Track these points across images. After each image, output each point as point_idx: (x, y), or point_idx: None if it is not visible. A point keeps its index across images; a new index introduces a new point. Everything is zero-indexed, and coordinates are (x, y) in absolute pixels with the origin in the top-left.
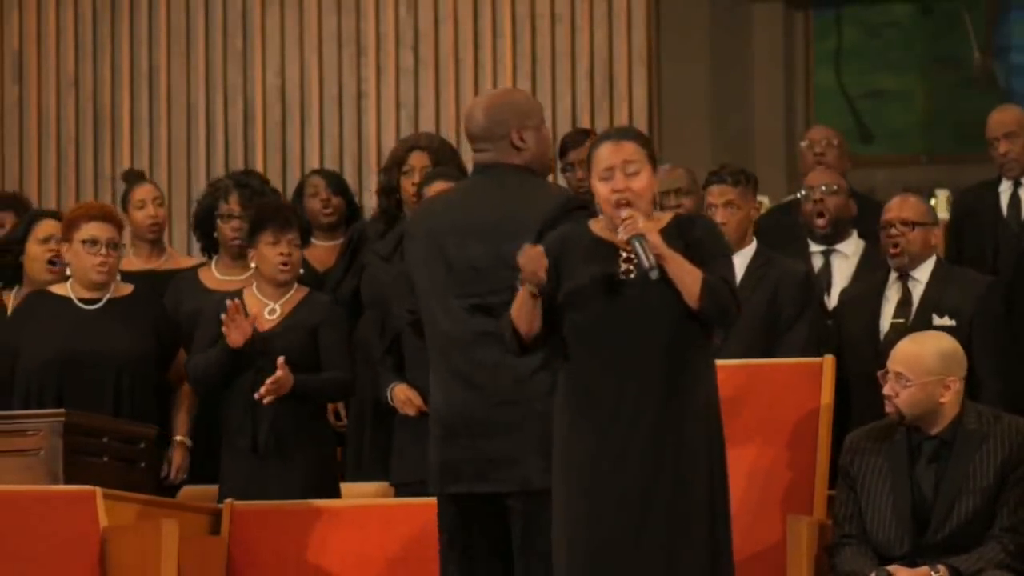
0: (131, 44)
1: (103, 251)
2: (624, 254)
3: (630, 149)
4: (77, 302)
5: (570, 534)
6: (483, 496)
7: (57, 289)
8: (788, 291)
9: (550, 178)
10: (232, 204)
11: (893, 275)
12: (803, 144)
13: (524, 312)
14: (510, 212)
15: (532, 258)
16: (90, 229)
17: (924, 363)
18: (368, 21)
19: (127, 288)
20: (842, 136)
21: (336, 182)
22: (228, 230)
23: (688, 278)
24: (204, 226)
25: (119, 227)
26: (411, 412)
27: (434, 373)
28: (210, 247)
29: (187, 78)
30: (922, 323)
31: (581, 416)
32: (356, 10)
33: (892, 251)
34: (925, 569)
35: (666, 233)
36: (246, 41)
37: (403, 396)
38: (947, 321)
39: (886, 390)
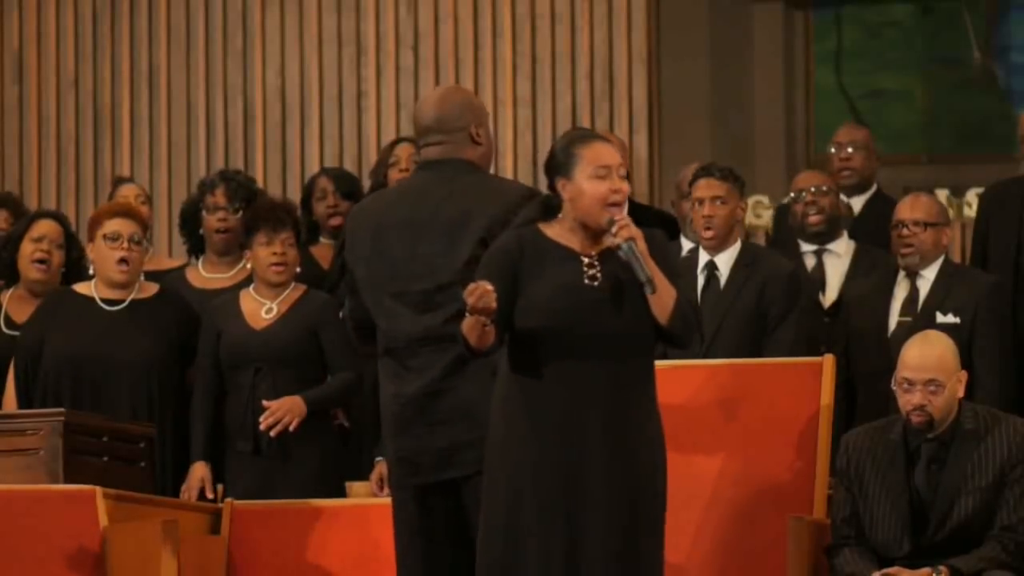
0: (131, 44)
1: (125, 244)
2: (587, 260)
3: (619, 153)
4: (100, 303)
5: (506, 540)
6: (441, 484)
7: (81, 288)
8: (775, 289)
9: None
10: (218, 196)
11: (902, 273)
12: (831, 148)
13: (475, 334)
14: (473, 206)
15: (480, 296)
16: (112, 224)
17: (949, 363)
18: (368, 21)
19: (152, 288)
20: (869, 134)
21: (345, 184)
22: (214, 220)
23: (665, 294)
24: (189, 225)
25: (142, 224)
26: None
27: (383, 368)
28: (195, 247)
29: (187, 78)
30: (925, 321)
31: (527, 421)
32: (356, 10)
33: (904, 251)
34: (927, 570)
35: None
36: (246, 41)
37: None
38: (951, 319)
39: (917, 400)
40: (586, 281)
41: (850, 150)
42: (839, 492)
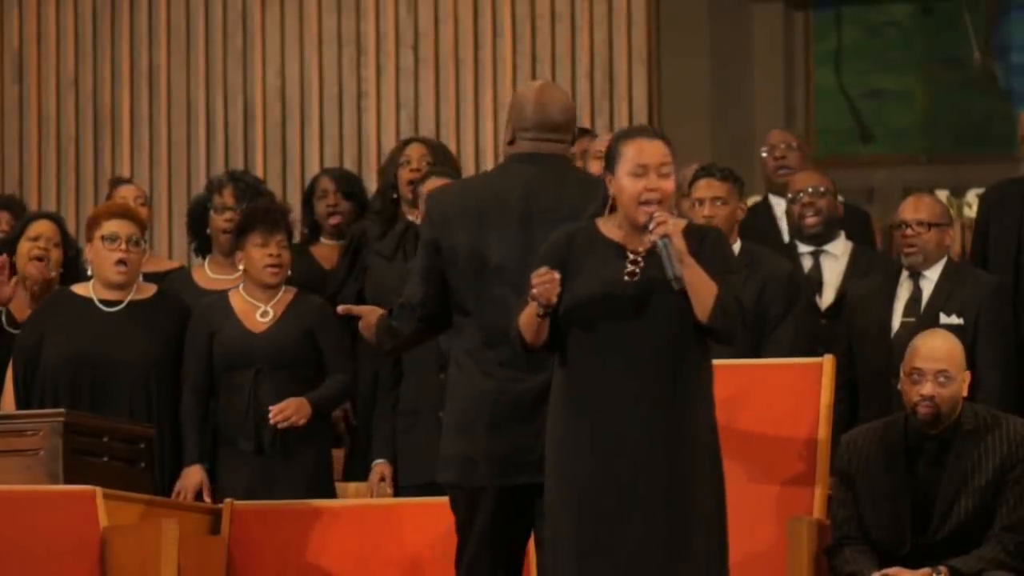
0: (131, 44)
1: (123, 246)
2: (631, 256)
3: (664, 150)
4: (98, 303)
5: (560, 539)
6: (532, 486)
7: (79, 289)
8: (774, 290)
9: None
10: (226, 197)
11: (904, 273)
12: (763, 152)
13: (531, 326)
14: (584, 203)
15: (546, 281)
16: (110, 226)
17: (959, 357)
18: (368, 21)
19: (150, 289)
20: (800, 139)
21: (347, 184)
22: (221, 221)
23: (704, 291)
24: (197, 225)
25: (140, 225)
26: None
27: (472, 359)
28: (202, 247)
29: (187, 78)
30: (929, 321)
31: (576, 418)
32: (356, 10)
33: (907, 250)
34: (926, 570)
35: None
36: (246, 41)
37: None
38: (955, 320)
39: (927, 390)
40: (625, 277)
41: (783, 147)
42: (839, 492)
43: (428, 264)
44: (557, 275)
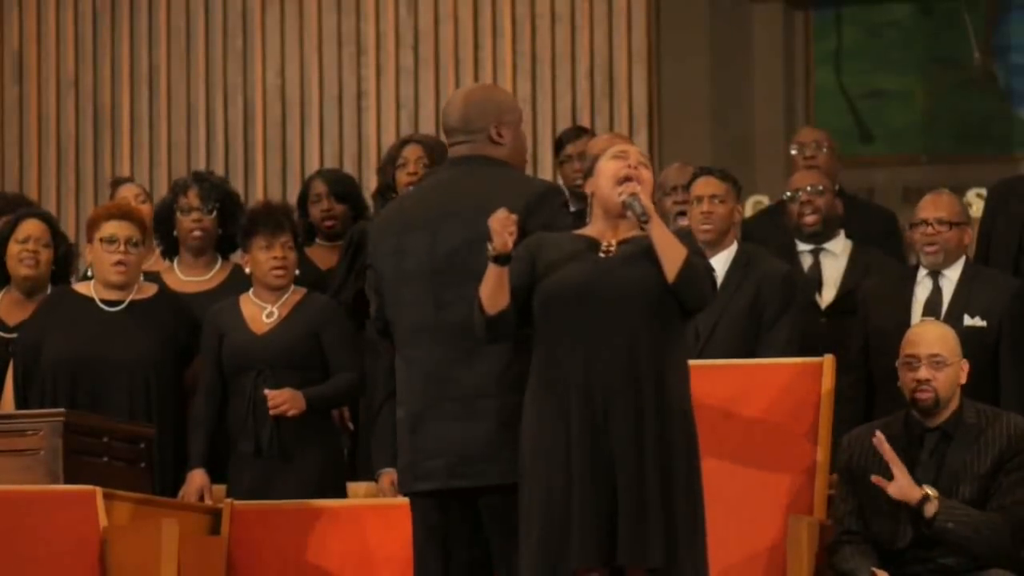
0: (131, 44)
1: (122, 248)
2: (605, 245)
3: (642, 150)
4: (99, 303)
5: (535, 520)
6: (458, 491)
7: (81, 288)
8: (770, 290)
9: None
10: (191, 198)
11: (922, 272)
12: (792, 149)
13: (489, 285)
14: (489, 199)
15: (501, 221)
16: (109, 227)
17: (952, 344)
18: (368, 21)
19: (151, 289)
20: (830, 137)
21: (339, 186)
22: (188, 222)
23: (673, 248)
24: (163, 227)
25: (140, 226)
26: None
27: (401, 368)
28: (170, 249)
29: (187, 78)
30: (952, 322)
31: (549, 392)
32: (356, 10)
33: (928, 249)
34: (918, 490)
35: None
36: (246, 41)
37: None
38: (978, 322)
39: (922, 375)
40: (600, 255)
41: (813, 146)
42: (841, 488)
43: (372, 281)
44: (514, 216)
